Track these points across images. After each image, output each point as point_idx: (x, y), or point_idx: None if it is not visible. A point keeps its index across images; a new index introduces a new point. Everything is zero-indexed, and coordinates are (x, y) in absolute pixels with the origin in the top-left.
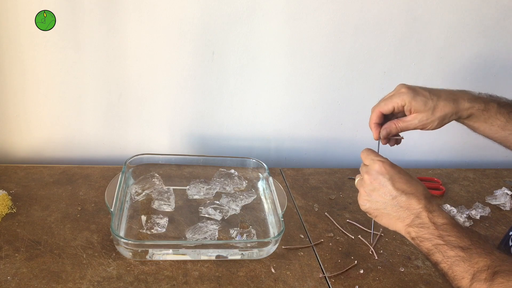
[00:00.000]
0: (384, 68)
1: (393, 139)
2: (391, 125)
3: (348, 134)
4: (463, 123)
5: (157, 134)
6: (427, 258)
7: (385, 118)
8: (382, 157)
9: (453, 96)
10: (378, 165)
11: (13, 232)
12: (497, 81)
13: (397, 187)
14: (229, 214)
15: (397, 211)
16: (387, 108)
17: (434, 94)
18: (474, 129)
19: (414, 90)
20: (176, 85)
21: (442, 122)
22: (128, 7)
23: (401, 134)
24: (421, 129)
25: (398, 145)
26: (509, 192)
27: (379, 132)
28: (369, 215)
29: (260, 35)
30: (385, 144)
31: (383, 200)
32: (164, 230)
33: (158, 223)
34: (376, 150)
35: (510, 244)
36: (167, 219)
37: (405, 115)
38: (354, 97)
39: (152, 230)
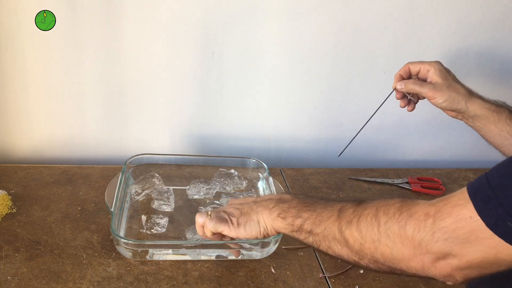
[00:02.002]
0: (384, 68)
1: (412, 102)
2: (410, 80)
3: (348, 134)
4: (473, 125)
5: (157, 134)
6: (290, 230)
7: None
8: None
9: (469, 89)
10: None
11: (13, 232)
12: (498, 81)
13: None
14: None
15: (261, 204)
16: (415, 66)
17: (456, 79)
18: (484, 134)
19: (445, 67)
20: (176, 85)
21: (451, 101)
22: (128, 7)
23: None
24: (430, 97)
25: (412, 111)
26: None
27: (397, 82)
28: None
29: (260, 35)
30: (404, 106)
31: (248, 205)
32: (164, 230)
33: (158, 223)
34: (381, 103)
35: None
36: (167, 219)
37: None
38: (354, 97)
39: (152, 230)
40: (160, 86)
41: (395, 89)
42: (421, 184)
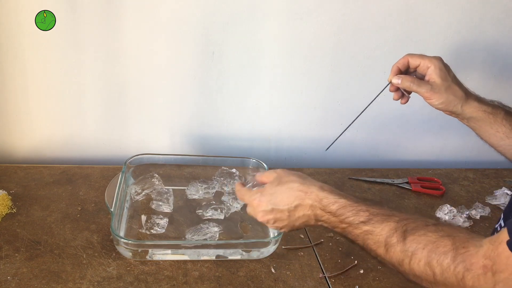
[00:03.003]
0: (384, 68)
1: (405, 97)
2: (407, 76)
3: (348, 134)
4: (469, 125)
5: (157, 134)
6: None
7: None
8: (254, 191)
9: (467, 90)
10: (256, 203)
11: (13, 232)
12: (497, 81)
13: (283, 205)
14: (230, 211)
15: (301, 220)
16: (415, 60)
17: (456, 78)
18: (480, 134)
19: (445, 65)
20: (176, 85)
21: (447, 104)
22: (128, 7)
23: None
24: (426, 98)
25: (405, 103)
26: (509, 192)
27: (394, 75)
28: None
29: (260, 35)
30: (397, 99)
31: (287, 223)
32: (163, 230)
33: (158, 223)
34: (375, 96)
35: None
36: (167, 219)
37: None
38: (354, 97)
39: (152, 231)
40: (160, 86)
41: (390, 82)
42: (421, 184)
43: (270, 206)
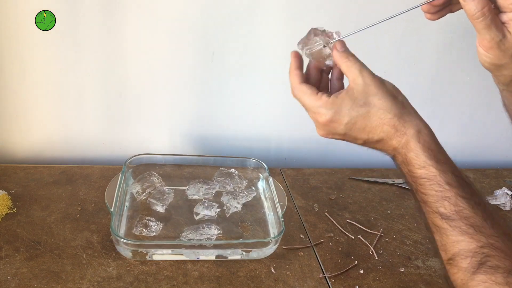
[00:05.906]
0: (384, 68)
1: (440, 13)
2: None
3: None
4: (505, 88)
5: (157, 134)
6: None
7: None
8: (323, 103)
9: None
10: (323, 120)
11: (13, 232)
12: None
13: (362, 135)
14: (230, 211)
15: (373, 148)
16: None
17: None
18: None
19: None
20: (176, 85)
21: (500, 68)
22: (128, 7)
23: None
24: (482, 47)
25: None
26: (509, 192)
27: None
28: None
29: (260, 35)
30: (433, 19)
31: (349, 140)
32: (155, 233)
33: (151, 225)
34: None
35: None
36: (160, 222)
37: None
38: None
39: (143, 233)
40: (160, 86)
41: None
42: None
43: (344, 131)
